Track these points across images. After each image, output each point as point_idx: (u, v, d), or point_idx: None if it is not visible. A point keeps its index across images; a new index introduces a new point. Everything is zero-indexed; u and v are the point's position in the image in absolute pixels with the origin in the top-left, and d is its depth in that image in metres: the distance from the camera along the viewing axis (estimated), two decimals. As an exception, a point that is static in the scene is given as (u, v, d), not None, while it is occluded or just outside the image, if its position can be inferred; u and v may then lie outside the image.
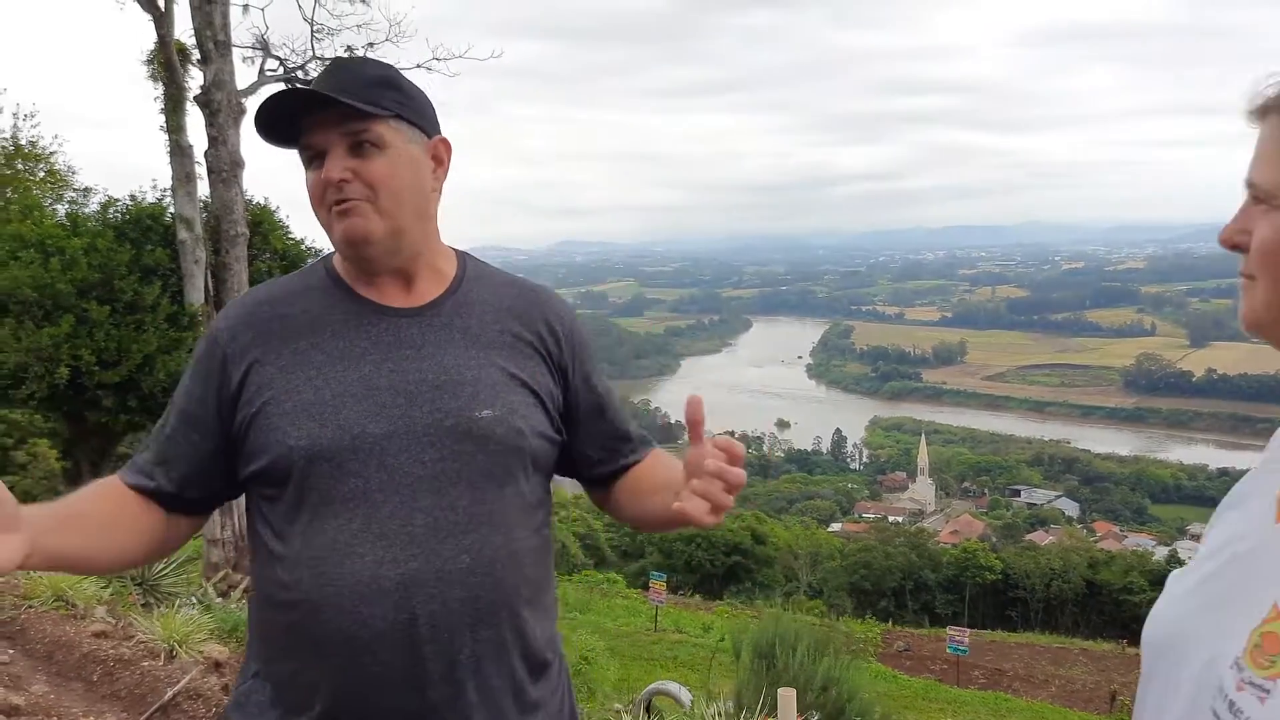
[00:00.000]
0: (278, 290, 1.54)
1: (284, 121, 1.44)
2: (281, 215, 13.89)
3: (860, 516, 71.30)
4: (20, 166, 15.11)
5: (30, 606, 6.31)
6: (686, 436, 1.40)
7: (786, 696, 4.16)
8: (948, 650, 14.06)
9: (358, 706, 1.39)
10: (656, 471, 1.62)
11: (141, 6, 11.48)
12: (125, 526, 1.45)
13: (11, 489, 1.24)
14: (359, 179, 1.41)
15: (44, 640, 5.82)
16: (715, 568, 37.30)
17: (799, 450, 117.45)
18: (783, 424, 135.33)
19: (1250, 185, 0.93)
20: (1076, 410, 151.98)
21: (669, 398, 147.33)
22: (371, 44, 13.66)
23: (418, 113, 1.49)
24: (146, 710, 4.63)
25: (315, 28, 13.42)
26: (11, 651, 5.67)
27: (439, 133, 1.53)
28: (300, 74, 13.53)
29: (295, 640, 1.42)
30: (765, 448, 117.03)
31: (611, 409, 1.65)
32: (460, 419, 1.43)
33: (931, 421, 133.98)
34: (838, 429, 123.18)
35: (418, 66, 13.65)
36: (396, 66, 1.57)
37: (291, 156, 1.49)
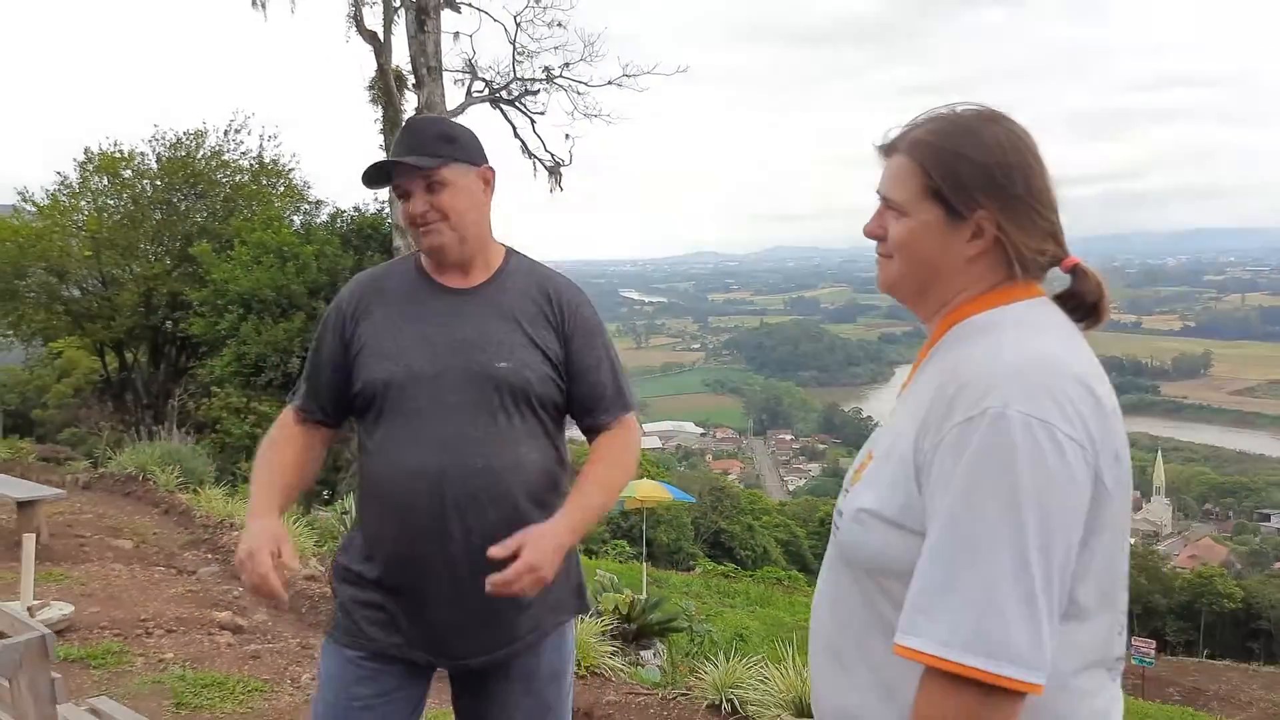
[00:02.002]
0: (379, 273, 2.24)
1: (381, 177, 2.11)
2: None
3: (1087, 536, 67.26)
4: (264, 182, 16.90)
5: (256, 554, 7.43)
6: None
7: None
8: (1133, 661, 13.50)
9: (406, 550, 2.04)
10: (595, 467, 2.15)
11: (364, 39, 12.86)
12: (308, 456, 2.20)
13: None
14: (434, 209, 2.07)
15: (265, 580, 6.86)
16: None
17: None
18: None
19: (883, 198, 1.37)
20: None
21: (882, 406, 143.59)
22: (567, 64, 14.58)
23: (467, 152, 2.13)
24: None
25: (517, 50, 14.50)
26: (241, 588, 6.74)
27: (486, 162, 2.17)
28: (504, 93, 14.65)
29: (374, 506, 2.10)
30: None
31: (595, 376, 2.18)
32: (485, 367, 2.05)
33: (1170, 438, 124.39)
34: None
35: (608, 83, 14.48)
36: (586, 83, 2.31)
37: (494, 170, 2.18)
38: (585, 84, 14.42)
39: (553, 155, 14.88)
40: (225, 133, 16.69)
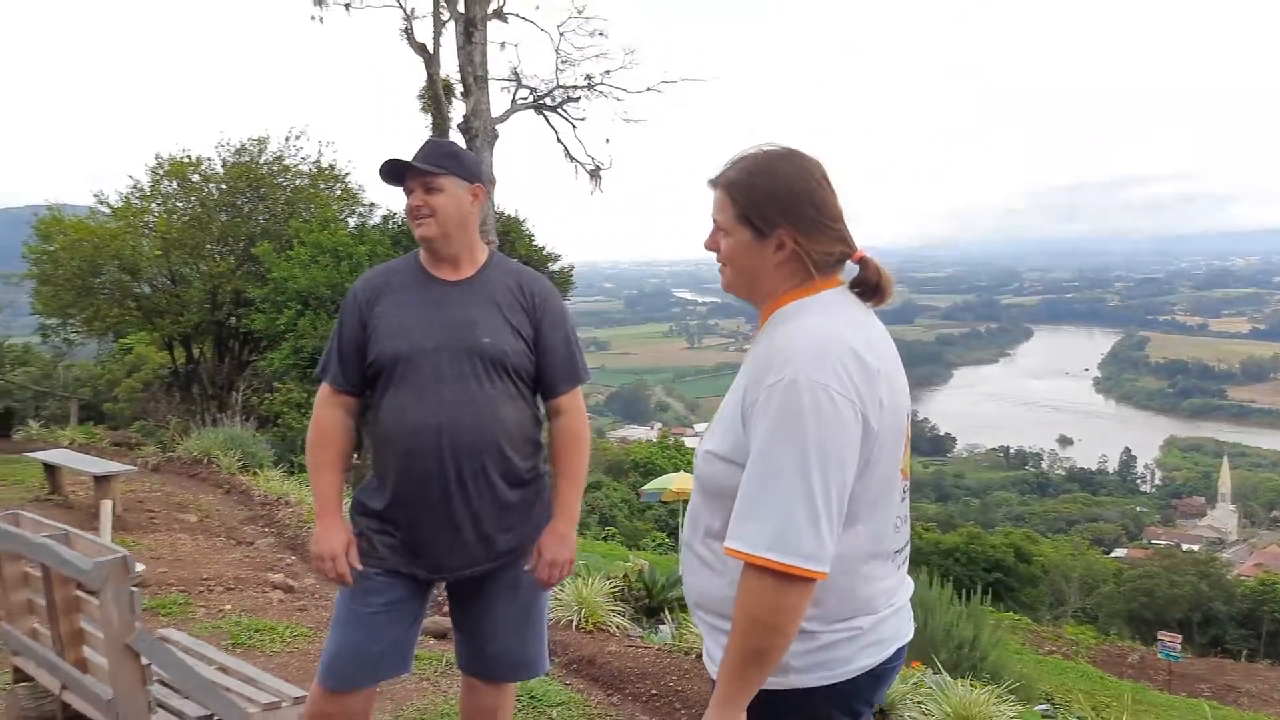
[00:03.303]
0: (387, 268, 2.83)
1: (396, 175, 2.68)
2: (528, 226, 15.67)
3: (1149, 542, 65.95)
4: (321, 186, 17.66)
5: (309, 528, 8.09)
6: (953, 450, 2.65)
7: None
8: (1159, 656, 13.65)
9: (414, 489, 2.63)
10: (555, 454, 2.80)
11: (414, 50, 13.52)
12: (348, 441, 2.79)
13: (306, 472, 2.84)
14: (426, 205, 2.65)
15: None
16: (973, 583, 36.27)
17: (1082, 469, 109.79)
18: (1065, 440, 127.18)
19: (714, 220, 1.85)
20: None
21: (939, 409, 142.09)
22: (608, 71, 15.11)
23: (465, 170, 2.71)
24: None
25: (560, 58, 15.08)
26: (294, 557, 7.38)
27: (479, 181, 2.75)
28: (548, 100, 15.23)
29: (384, 452, 2.69)
30: (1044, 465, 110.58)
31: (556, 356, 2.75)
32: (472, 343, 2.64)
33: (1237, 443, 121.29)
34: (1126, 448, 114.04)
35: (647, 90, 14.99)
36: (625, 90, 2.99)
37: (536, 180, 2.93)
38: (625, 90, 14.97)
39: (593, 159, 15.44)
40: (286, 139, 17.55)
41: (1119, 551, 57.13)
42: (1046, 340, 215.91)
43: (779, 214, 1.77)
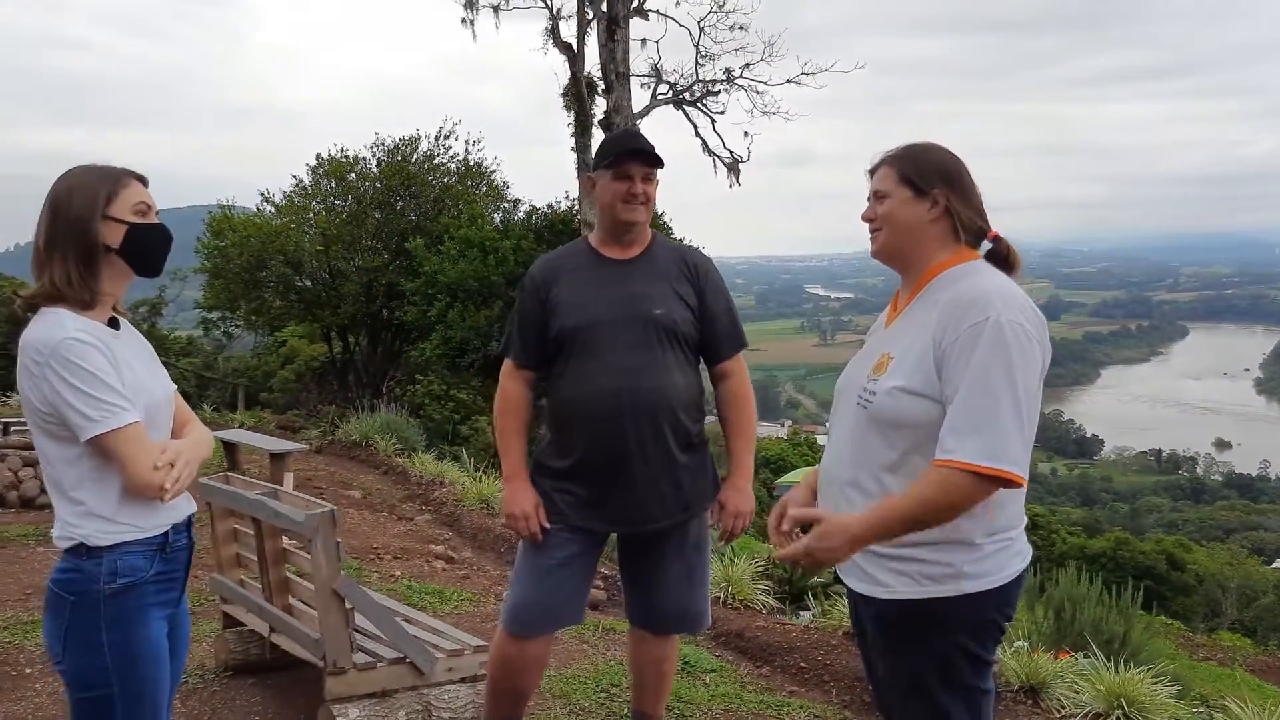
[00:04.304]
0: (557, 254, 3.11)
1: (623, 154, 2.90)
2: (666, 219, 15.89)
3: (1317, 554, 61.84)
4: (469, 183, 18.31)
5: (463, 506, 8.51)
6: (1100, 453, 2.96)
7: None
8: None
9: (595, 449, 2.88)
10: (727, 415, 3.05)
11: (559, 50, 13.94)
12: (528, 414, 3.06)
13: (455, 458, 3.17)
14: (645, 194, 2.90)
15: (472, 527, 7.91)
16: (1121, 589, 34.81)
17: (1240, 474, 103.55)
18: (1222, 444, 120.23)
19: (874, 192, 2.12)
20: None
21: (1084, 409, 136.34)
22: (748, 65, 15.23)
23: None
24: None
25: (700, 53, 15.27)
26: (451, 532, 7.80)
27: None
28: (687, 95, 15.45)
29: (567, 417, 2.94)
30: (1199, 469, 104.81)
31: (720, 323, 2.98)
32: (647, 314, 2.88)
33: None
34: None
35: (787, 82, 15.04)
36: (765, 82, 3.54)
37: (671, 174, 3.03)
38: (764, 83, 15.05)
39: (731, 153, 15.58)
40: (435, 139, 18.27)
41: (1281, 563, 53.85)
42: (1203, 339, 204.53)
43: (937, 177, 2.06)
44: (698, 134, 15.52)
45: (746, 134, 15.66)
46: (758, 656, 4.85)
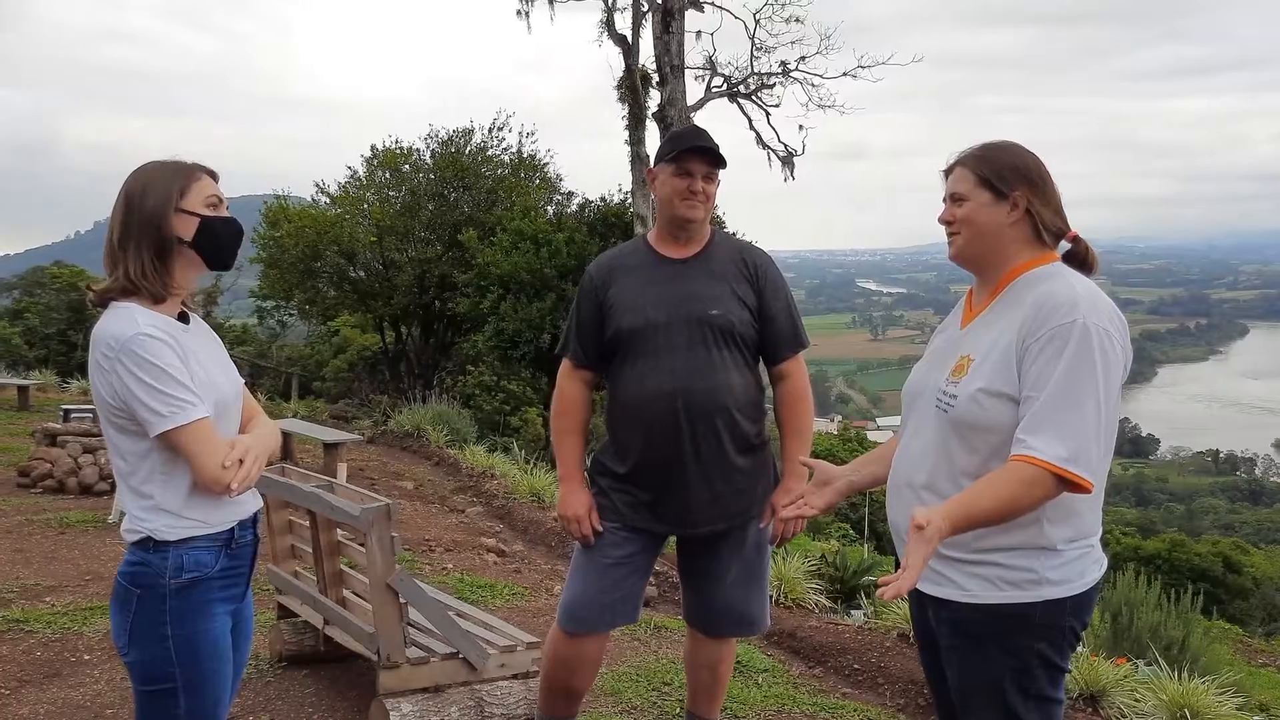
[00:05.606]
0: (617, 253, 3.06)
1: (688, 150, 2.84)
2: (720, 212, 15.79)
3: (1380, 559, 60.06)
4: (522, 176, 18.35)
5: (514, 499, 8.54)
6: (1156, 453, 2.91)
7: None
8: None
9: (653, 450, 2.84)
10: (782, 416, 2.99)
11: (614, 42, 13.90)
12: (588, 413, 3.06)
13: (505, 449, 3.12)
14: (704, 192, 2.86)
15: (523, 520, 7.94)
16: (1177, 593, 34.07)
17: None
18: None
19: (951, 195, 2.06)
20: None
21: (1140, 408, 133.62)
22: (803, 58, 15.05)
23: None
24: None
25: (755, 45, 15.14)
26: (502, 525, 7.83)
27: None
28: (742, 88, 15.33)
29: (624, 421, 2.91)
30: (1258, 470, 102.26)
31: (778, 324, 2.92)
32: (702, 315, 2.83)
33: None
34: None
35: (843, 75, 14.85)
36: (821, 75, 3.69)
37: (727, 168, 2.91)
38: (820, 76, 14.89)
39: (786, 146, 15.44)
40: (489, 131, 18.36)
41: (1346, 568, 52.35)
42: (1264, 338, 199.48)
43: (1017, 178, 2.00)
44: (752, 127, 15.39)
45: (801, 127, 15.43)
46: (810, 657, 4.80)
